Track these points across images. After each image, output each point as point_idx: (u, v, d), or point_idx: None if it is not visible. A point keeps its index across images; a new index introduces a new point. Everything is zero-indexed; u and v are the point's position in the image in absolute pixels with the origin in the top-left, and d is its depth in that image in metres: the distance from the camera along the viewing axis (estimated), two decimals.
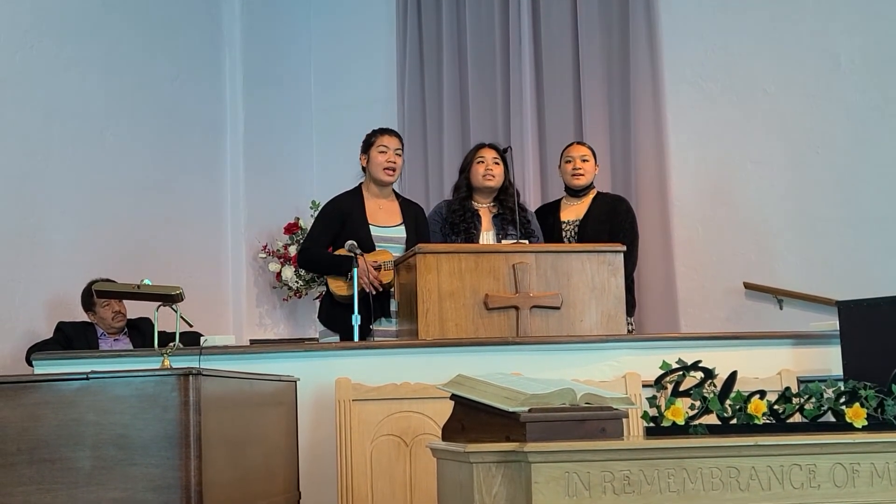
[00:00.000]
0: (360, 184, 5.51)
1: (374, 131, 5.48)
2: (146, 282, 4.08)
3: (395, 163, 5.40)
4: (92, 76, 6.79)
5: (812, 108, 6.80)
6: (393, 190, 5.57)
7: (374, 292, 5.11)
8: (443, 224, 5.54)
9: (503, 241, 5.33)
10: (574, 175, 5.74)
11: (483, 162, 5.56)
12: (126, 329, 6.21)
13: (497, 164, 5.56)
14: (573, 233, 5.67)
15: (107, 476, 3.18)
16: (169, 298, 4.03)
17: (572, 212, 5.75)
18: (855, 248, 6.57)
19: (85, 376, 3.25)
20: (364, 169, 5.48)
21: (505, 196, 5.56)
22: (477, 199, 5.61)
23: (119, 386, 3.22)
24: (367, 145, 5.45)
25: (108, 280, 5.72)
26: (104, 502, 3.17)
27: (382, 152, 5.39)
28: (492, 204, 5.60)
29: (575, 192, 5.79)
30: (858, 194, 6.62)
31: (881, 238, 6.50)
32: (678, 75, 7.15)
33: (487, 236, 5.49)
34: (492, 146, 5.67)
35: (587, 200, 5.76)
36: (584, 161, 5.75)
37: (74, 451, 3.20)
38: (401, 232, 5.39)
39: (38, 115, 6.35)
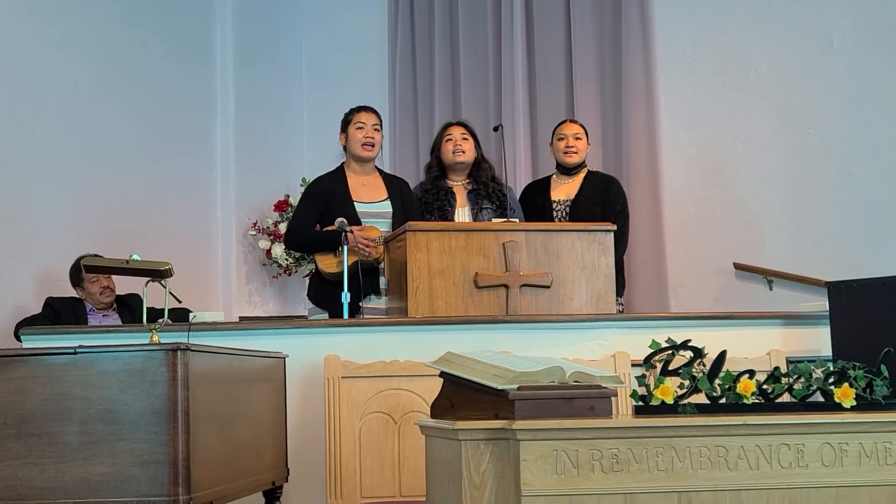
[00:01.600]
0: (342, 163, 5.51)
1: (350, 109, 5.49)
2: (135, 257, 4.07)
3: (373, 138, 5.40)
4: (82, 52, 6.75)
5: (804, 88, 6.80)
6: (376, 167, 5.56)
7: (372, 256, 5.10)
8: (417, 205, 5.55)
9: (489, 218, 5.33)
10: (567, 153, 5.74)
11: (451, 139, 5.58)
12: (115, 305, 6.21)
13: (466, 139, 5.58)
14: (564, 213, 5.67)
15: (94, 451, 3.18)
16: (158, 274, 4.01)
17: (563, 191, 5.75)
18: (845, 229, 6.58)
19: (73, 351, 3.24)
20: (345, 148, 5.49)
21: (478, 171, 5.58)
22: (451, 177, 5.62)
23: (107, 361, 3.22)
24: (345, 124, 5.47)
25: (96, 256, 5.70)
26: (91, 477, 3.17)
27: (360, 128, 5.40)
28: (466, 181, 5.61)
29: (566, 170, 5.78)
30: (849, 175, 6.62)
31: (871, 219, 6.51)
32: (670, 55, 7.14)
33: (462, 213, 5.50)
34: (460, 123, 5.72)
35: (578, 179, 5.75)
36: (577, 139, 5.75)
37: (62, 425, 3.20)
38: (386, 207, 5.38)
39: (28, 91, 6.32)
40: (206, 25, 7.86)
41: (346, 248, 4.94)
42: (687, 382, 2.96)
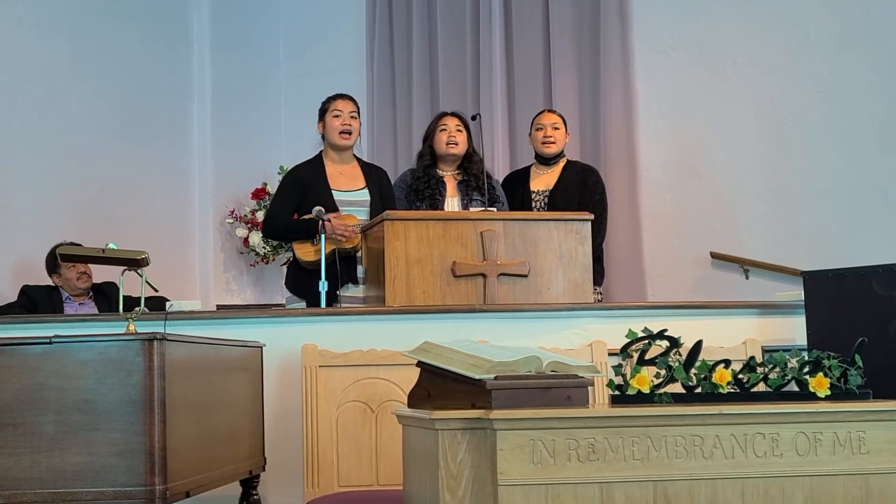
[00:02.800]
0: (320, 152, 5.50)
1: (327, 98, 5.49)
2: (111, 246, 4.04)
3: (350, 126, 5.40)
4: (57, 39, 6.71)
5: (781, 79, 6.81)
6: (354, 155, 5.55)
7: (352, 243, 5.10)
8: (408, 192, 5.54)
9: (473, 209, 5.33)
10: (545, 143, 5.75)
11: (446, 129, 5.57)
12: (91, 293, 6.19)
13: (460, 131, 5.57)
14: (543, 203, 5.68)
15: (70, 441, 3.16)
16: (134, 263, 3.99)
17: (542, 181, 5.76)
18: (821, 219, 6.60)
19: (48, 340, 3.22)
20: (323, 137, 5.48)
21: (469, 163, 5.57)
22: (441, 166, 5.62)
23: (83, 350, 3.20)
24: (323, 112, 5.47)
25: (73, 244, 5.67)
26: (67, 467, 3.15)
27: (337, 116, 5.40)
28: (456, 171, 5.61)
29: (545, 161, 5.79)
30: (826, 166, 6.64)
31: (847, 209, 6.53)
32: (649, 44, 7.14)
33: (452, 203, 5.50)
34: (454, 114, 5.69)
35: (557, 169, 5.77)
36: (555, 129, 5.76)
37: (37, 415, 3.18)
38: (364, 195, 5.39)
39: (3, 78, 6.28)
40: (183, 12, 7.82)
41: (323, 236, 4.94)
42: (663, 372, 2.97)
